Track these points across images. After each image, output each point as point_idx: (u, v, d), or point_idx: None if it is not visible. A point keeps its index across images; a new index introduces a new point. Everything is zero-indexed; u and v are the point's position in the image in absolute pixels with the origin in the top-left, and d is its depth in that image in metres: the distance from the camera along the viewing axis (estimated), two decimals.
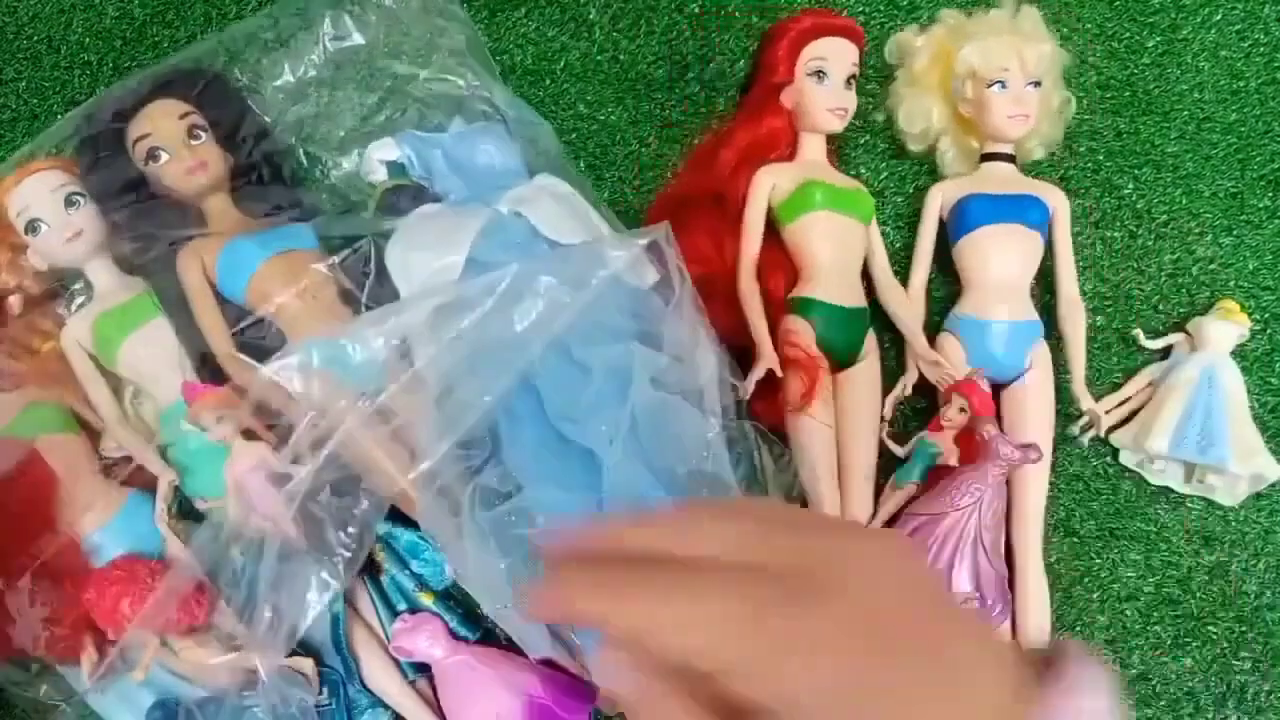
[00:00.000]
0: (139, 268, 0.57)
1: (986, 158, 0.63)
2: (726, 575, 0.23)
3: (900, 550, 0.25)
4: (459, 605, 0.55)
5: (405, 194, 0.57)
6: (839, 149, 0.65)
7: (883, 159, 0.67)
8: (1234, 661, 0.60)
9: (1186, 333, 0.63)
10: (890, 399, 0.61)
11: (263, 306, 0.53)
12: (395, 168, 0.59)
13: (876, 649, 0.22)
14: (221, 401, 0.51)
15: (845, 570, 0.23)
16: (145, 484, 0.54)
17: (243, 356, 0.53)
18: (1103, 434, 0.61)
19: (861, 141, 0.66)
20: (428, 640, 0.52)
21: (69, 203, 0.54)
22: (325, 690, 0.52)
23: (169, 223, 0.55)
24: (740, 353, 0.59)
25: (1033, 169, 0.65)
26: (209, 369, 0.54)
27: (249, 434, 0.51)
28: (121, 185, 0.55)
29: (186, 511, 0.56)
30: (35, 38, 0.65)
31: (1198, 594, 0.61)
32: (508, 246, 0.54)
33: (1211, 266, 0.66)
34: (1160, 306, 0.65)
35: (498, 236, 0.54)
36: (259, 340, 0.54)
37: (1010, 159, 0.63)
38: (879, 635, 0.23)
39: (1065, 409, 0.61)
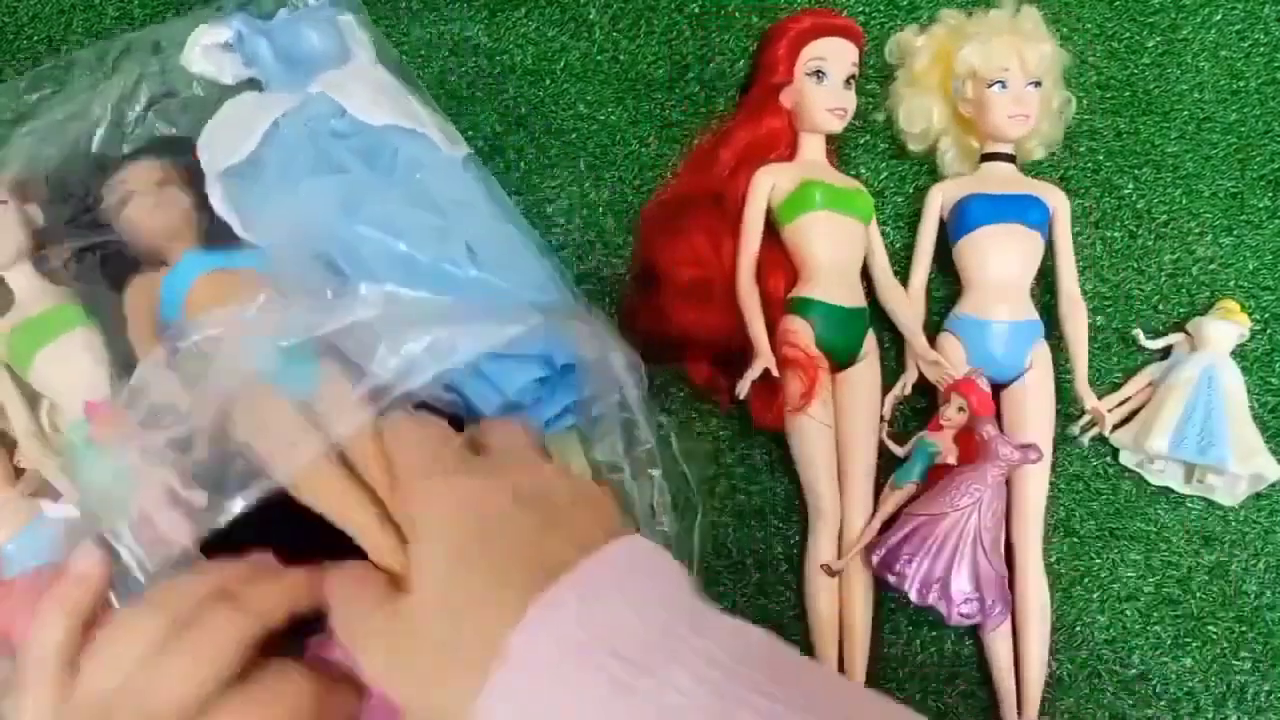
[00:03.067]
0: (77, 273, 0.55)
1: (987, 158, 0.63)
2: None
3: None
4: None
5: None
6: (839, 149, 0.65)
7: (883, 159, 0.67)
8: (1234, 661, 0.60)
9: (1186, 333, 0.63)
10: (889, 398, 0.61)
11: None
12: (218, 57, 0.58)
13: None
14: (124, 423, 0.49)
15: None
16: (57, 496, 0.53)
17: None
18: (1107, 433, 0.61)
19: (861, 141, 0.66)
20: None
21: None
22: None
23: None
24: (739, 353, 0.59)
25: (1033, 169, 0.65)
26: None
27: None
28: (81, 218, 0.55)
29: None
30: (35, 38, 0.65)
31: (1198, 594, 0.61)
32: (314, 125, 0.55)
33: (1211, 266, 0.66)
34: (1160, 306, 0.65)
35: (302, 115, 0.55)
36: None
37: (1010, 159, 0.63)
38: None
39: (1065, 409, 0.61)
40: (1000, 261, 0.60)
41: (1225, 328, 0.61)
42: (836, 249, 0.60)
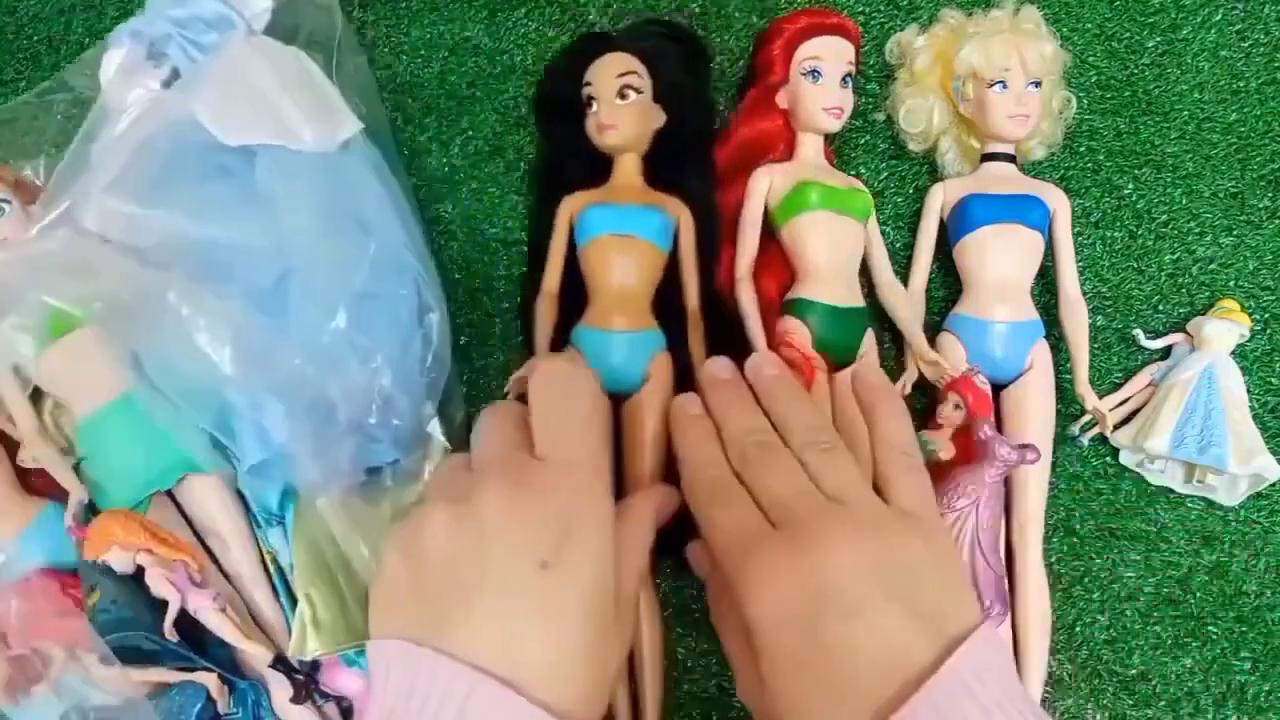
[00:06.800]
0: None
1: (987, 158, 0.63)
2: None
3: None
4: None
5: None
6: (839, 149, 0.65)
7: (883, 159, 0.67)
8: (1234, 661, 0.60)
9: (1186, 333, 0.63)
10: None
11: None
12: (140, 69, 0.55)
13: None
14: (103, 539, 0.49)
15: None
16: (61, 495, 0.53)
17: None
18: (1108, 433, 0.61)
19: (861, 141, 0.66)
20: (355, 676, 0.51)
21: None
22: (233, 700, 0.51)
23: None
24: (739, 354, 0.58)
25: (1033, 169, 0.65)
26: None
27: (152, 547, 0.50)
28: None
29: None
30: (35, 38, 0.66)
31: (1198, 594, 0.61)
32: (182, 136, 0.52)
33: (1211, 266, 0.66)
34: (1160, 306, 0.65)
35: (171, 129, 0.53)
36: None
37: (1011, 159, 0.63)
38: None
39: (1066, 409, 0.61)
40: (1000, 261, 0.60)
41: (1225, 328, 0.61)
42: (834, 249, 0.60)
